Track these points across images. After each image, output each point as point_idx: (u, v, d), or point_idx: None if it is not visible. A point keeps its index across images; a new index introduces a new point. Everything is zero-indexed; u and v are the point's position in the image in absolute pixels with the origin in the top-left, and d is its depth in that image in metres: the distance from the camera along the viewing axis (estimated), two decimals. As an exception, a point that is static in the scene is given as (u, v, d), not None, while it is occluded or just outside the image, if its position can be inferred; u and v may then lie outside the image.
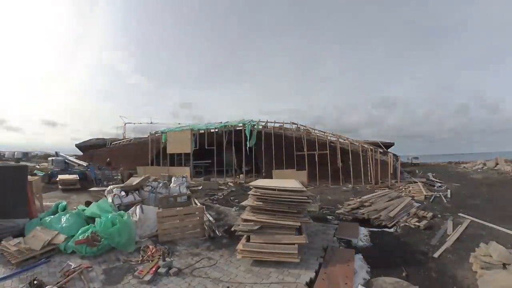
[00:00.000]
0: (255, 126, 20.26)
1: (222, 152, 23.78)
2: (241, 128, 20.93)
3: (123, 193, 7.14)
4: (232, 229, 5.48)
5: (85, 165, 16.48)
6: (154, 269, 3.87)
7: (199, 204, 7.65)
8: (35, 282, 3.42)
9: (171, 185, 9.11)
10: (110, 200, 6.69)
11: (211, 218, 6.46)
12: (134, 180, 8.45)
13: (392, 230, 5.87)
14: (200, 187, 12.90)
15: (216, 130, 21.68)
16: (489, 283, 3.26)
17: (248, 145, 19.31)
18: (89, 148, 31.18)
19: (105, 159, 23.55)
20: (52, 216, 5.45)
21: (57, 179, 12.92)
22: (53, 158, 17.41)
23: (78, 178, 13.48)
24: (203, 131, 22.05)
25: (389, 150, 33.30)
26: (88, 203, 7.71)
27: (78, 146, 36.76)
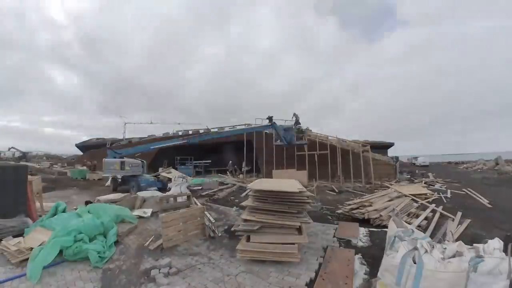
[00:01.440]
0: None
1: (222, 152, 23.80)
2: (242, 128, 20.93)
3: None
4: (232, 229, 5.48)
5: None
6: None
7: (199, 204, 7.66)
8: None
9: (171, 185, 9.14)
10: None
11: (211, 218, 6.46)
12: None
13: (392, 230, 5.87)
14: (201, 187, 12.90)
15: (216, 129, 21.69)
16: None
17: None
18: (89, 148, 31.24)
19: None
20: (52, 218, 5.45)
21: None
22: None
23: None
24: (202, 131, 22.05)
25: (388, 150, 33.40)
26: (88, 203, 7.72)
27: (78, 146, 36.80)
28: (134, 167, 11.64)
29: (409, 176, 18.13)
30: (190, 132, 23.97)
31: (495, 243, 2.58)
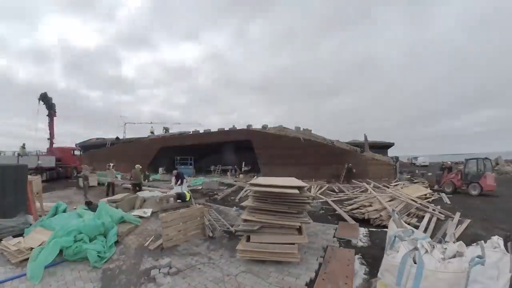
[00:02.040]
0: None
1: (222, 152, 23.77)
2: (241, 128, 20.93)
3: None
4: (232, 229, 5.48)
5: None
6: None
7: (199, 204, 7.65)
8: None
9: (171, 186, 9.14)
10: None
11: (211, 218, 6.46)
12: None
13: (392, 230, 5.87)
14: (200, 187, 12.91)
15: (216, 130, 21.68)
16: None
17: None
18: (88, 148, 31.22)
19: (105, 159, 23.51)
20: (52, 218, 5.46)
21: None
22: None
23: None
24: (202, 131, 22.06)
25: (389, 150, 33.42)
26: (88, 203, 7.73)
27: (78, 146, 36.76)
28: None
29: (409, 176, 18.13)
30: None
31: (496, 240, 2.59)
